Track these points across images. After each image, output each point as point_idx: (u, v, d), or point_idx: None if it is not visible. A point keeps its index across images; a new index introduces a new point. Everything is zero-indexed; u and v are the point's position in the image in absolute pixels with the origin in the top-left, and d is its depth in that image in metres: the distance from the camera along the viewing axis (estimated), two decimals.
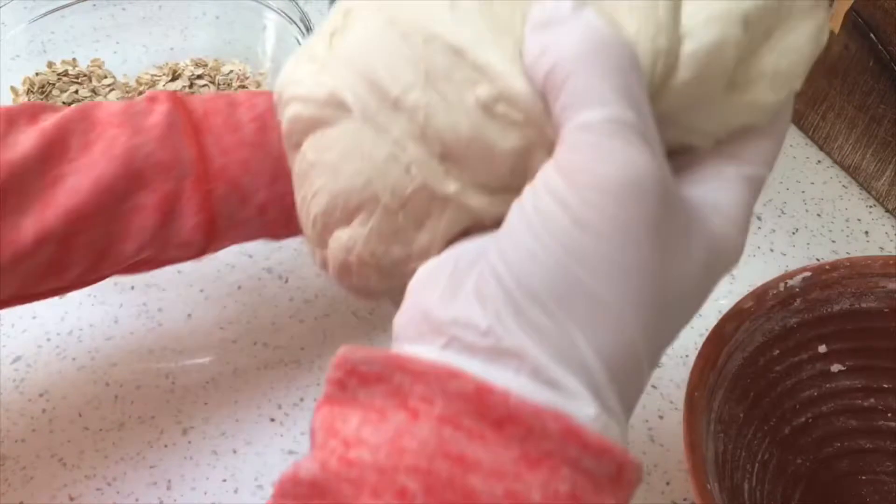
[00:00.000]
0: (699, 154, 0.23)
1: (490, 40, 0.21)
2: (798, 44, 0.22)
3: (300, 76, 0.25)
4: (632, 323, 0.19)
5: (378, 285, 0.25)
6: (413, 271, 0.23)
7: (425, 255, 0.23)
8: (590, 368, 0.19)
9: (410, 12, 0.22)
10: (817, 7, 0.23)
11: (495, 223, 0.22)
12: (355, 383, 0.20)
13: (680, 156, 0.23)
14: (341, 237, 0.24)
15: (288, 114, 0.25)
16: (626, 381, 0.20)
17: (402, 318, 0.22)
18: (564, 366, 0.19)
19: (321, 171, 0.24)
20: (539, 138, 0.21)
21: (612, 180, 0.19)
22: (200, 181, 0.36)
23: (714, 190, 0.22)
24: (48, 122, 0.35)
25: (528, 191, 0.20)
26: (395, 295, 0.24)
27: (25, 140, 0.34)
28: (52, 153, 0.34)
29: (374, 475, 0.19)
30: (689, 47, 0.21)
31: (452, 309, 0.20)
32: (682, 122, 0.22)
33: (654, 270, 0.19)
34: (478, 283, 0.20)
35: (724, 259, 0.22)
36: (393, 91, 0.22)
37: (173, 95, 0.38)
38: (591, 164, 0.19)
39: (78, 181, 0.34)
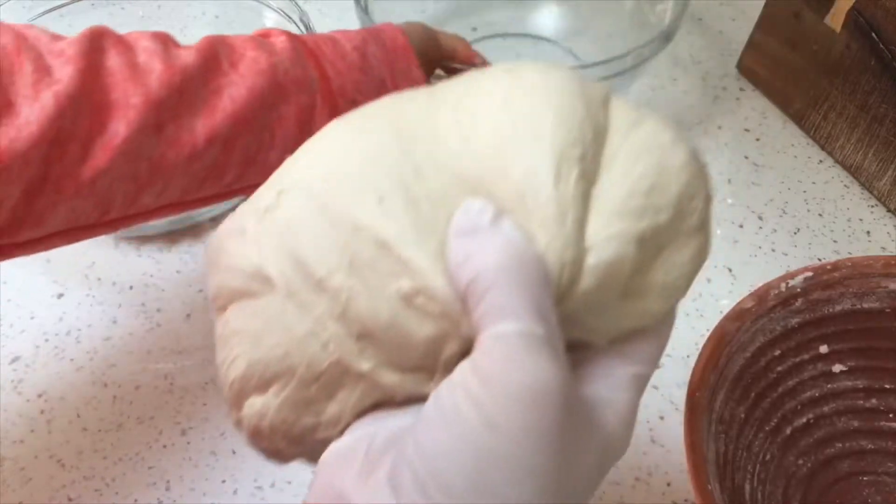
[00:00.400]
0: (595, 351, 0.25)
1: (414, 237, 0.23)
2: (683, 261, 0.25)
3: (230, 247, 0.26)
4: None
5: (287, 450, 0.26)
6: (323, 440, 0.25)
7: (335, 425, 0.25)
8: None
9: (341, 201, 0.24)
10: (700, 230, 0.26)
11: (405, 399, 0.24)
12: None
13: (578, 351, 0.25)
14: (255, 403, 0.26)
15: (216, 280, 0.27)
16: None
17: (316, 494, 0.23)
18: None
19: (242, 338, 0.25)
20: (453, 330, 0.23)
21: (521, 388, 0.20)
22: (326, 96, 0.42)
23: (607, 389, 0.24)
24: (196, 44, 0.40)
25: (446, 387, 0.22)
26: (305, 458, 0.26)
27: (186, 55, 0.38)
28: (210, 66, 0.39)
29: None
30: (591, 260, 0.23)
31: (366, 493, 0.22)
32: (581, 322, 0.24)
33: (556, 471, 0.21)
34: (392, 471, 0.22)
35: (613, 453, 0.24)
36: (318, 272, 0.23)
37: (284, 31, 0.43)
38: (504, 372, 0.21)
39: (236, 91, 0.39)
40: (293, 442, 0.25)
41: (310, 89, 0.42)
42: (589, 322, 0.24)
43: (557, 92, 0.25)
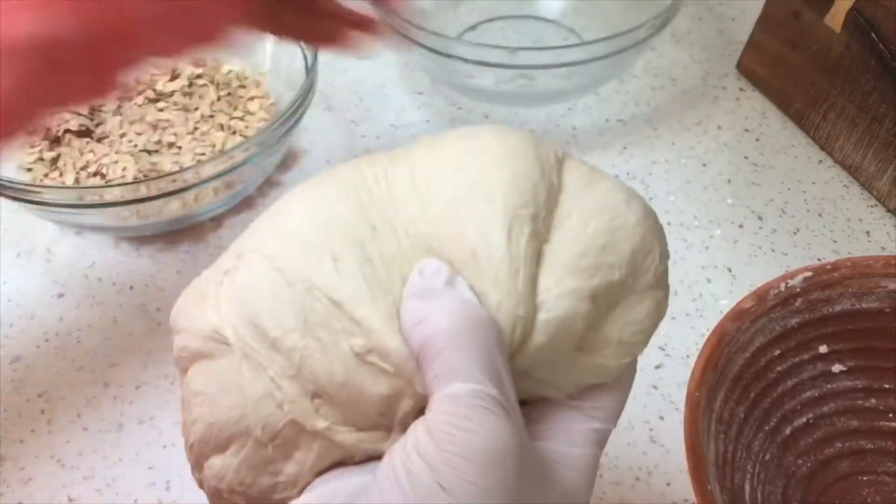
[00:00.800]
0: (554, 406, 0.25)
1: (368, 297, 0.23)
2: (639, 318, 0.26)
3: (190, 309, 0.27)
4: None
5: None
6: (281, 500, 0.25)
7: (293, 485, 0.25)
8: None
9: (297, 263, 0.24)
10: (657, 287, 0.26)
11: (364, 458, 0.24)
12: None
13: (537, 406, 0.25)
14: (214, 465, 0.26)
15: (177, 342, 0.27)
16: None
17: None
18: None
19: (201, 400, 0.26)
20: (407, 388, 0.23)
21: (475, 450, 0.21)
22: None
23: (565, 444, 0.25)
24: None
25: (399, 448, 0.22)
26: None
27: None
28: None
29: None
30: (543, 317, 0.24)
31: None
32: (537, 377, 0.25)
33: None
34: None
35: None
36: (273, 332, 0.24)
37: None
38: (457, 433, 0.21)
39: None
40: (252, 503, 0.26)
41: None
42: (545, 377, 0.25)
43: (511, 154, 0.25)
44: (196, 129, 0.59)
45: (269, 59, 0.62)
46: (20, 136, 0.32)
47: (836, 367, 0.42)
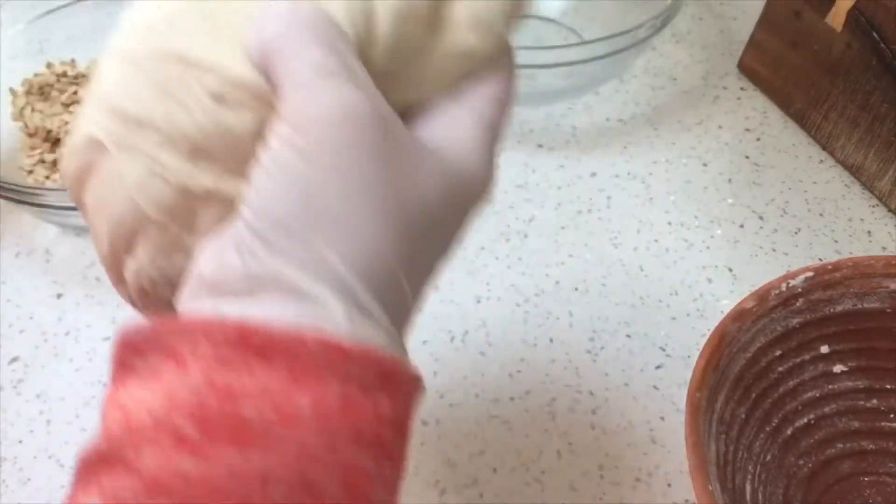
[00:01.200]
0: (432, 104, 0.26)
1: (209, 43, 0.24)
2: None
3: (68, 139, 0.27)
4: (374, 235, 0.22)
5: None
6: None
7: None
8: (342, 278, 0.21)
9: (138, 43, 0.25)
10: None
11: None
12: (132, 356, 0.21)
13: (416, 110, 0.26)
14: (130, 266, 0.26)
15: (65, 174, 0.27)
16: (384, 291, 0.22)
17: (182, 288, 0.24)
18: (316, 279, 0.21)
19: (97, 212, 0.26)
20: (272, 114, 0.23)
21: (326, 115, 0.21)
22: None
23: (444, 127, 0.25)
24: None
25: (262, 148, 0.23)
26: None
27: None
28: None
29: (152, 430, 0.20)
30: (381, 6, 0.24)
31: (216, 263, 0.22)
32: (404, 78, 0.25)
33: (382, 189, 0.22)
34: (235, 236, 0.22)
35: (467, 188, 0.25)
36: (134, 111, 0.24)
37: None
38: (307, 107, 0.21)
39: None
40: (177, 287, 0.25)
41: None
42: (410, 75, 0.25)
43: None
44: None
45: None
46: None
47: (838, 368, 0.42)
